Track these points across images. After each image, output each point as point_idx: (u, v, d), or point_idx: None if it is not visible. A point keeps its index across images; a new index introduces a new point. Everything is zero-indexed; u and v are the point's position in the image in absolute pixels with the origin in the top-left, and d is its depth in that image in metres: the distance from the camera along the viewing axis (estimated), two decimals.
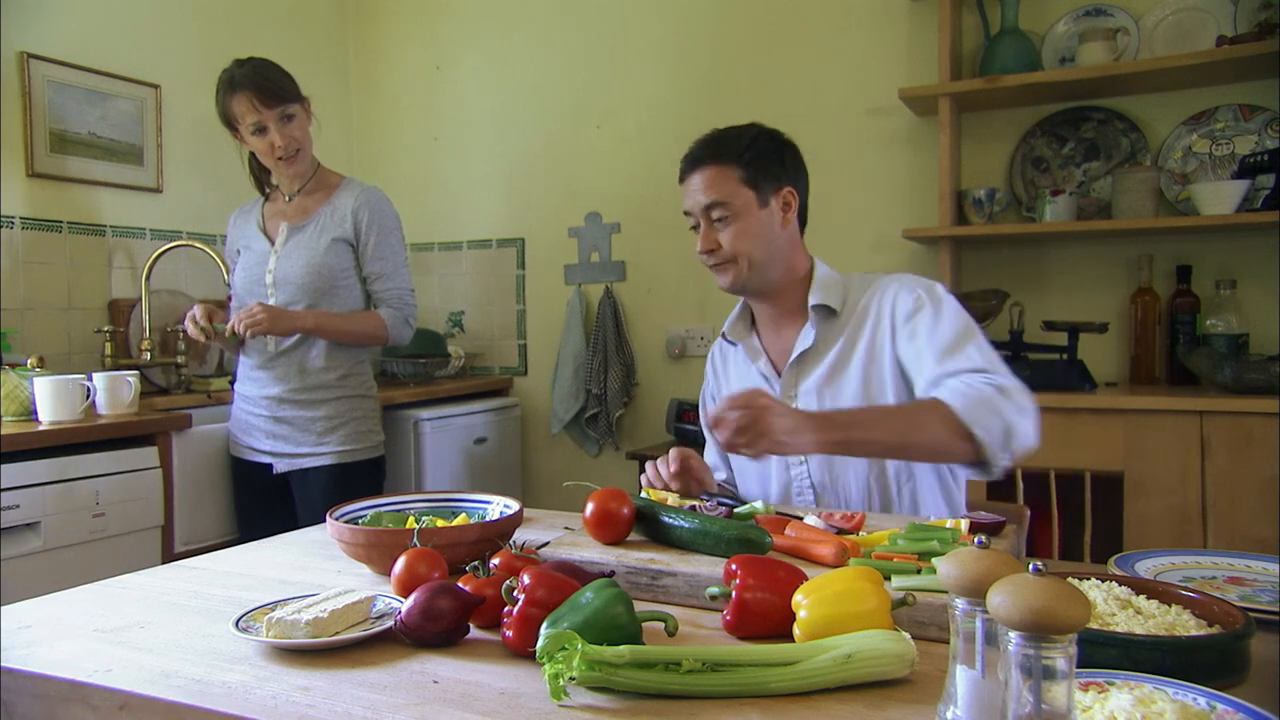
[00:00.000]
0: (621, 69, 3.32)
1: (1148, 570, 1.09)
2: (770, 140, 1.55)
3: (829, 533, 1.13)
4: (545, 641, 0.79)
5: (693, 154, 1.55)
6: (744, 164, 1.50)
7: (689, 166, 1.54)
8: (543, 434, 3.52)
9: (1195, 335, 2.51)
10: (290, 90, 2.12)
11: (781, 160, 1.54)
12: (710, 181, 1.50)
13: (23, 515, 1.93)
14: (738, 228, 1.49)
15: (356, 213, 2.20)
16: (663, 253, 3.28)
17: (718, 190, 1.49)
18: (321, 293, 2.17)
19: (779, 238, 1.53)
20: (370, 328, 2.19)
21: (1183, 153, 2.59)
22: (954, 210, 2.68)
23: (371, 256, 2.21)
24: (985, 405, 1.28)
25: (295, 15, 3.57)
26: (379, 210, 2.23)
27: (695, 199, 1.52)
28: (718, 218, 1.50)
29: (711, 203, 1.50)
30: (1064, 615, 0.56)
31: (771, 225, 1.52)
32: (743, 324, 1.65)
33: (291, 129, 2.13)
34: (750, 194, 1.50)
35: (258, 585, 1.14)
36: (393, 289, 2.23)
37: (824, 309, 1.52)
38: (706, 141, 1.55)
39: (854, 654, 0.79)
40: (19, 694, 0.88)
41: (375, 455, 2.27)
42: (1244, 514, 2.18)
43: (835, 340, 1.51)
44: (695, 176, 1.52)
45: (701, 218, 1.52)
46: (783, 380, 1.54)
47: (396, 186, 3.77)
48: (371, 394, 2.29)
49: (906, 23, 2.89)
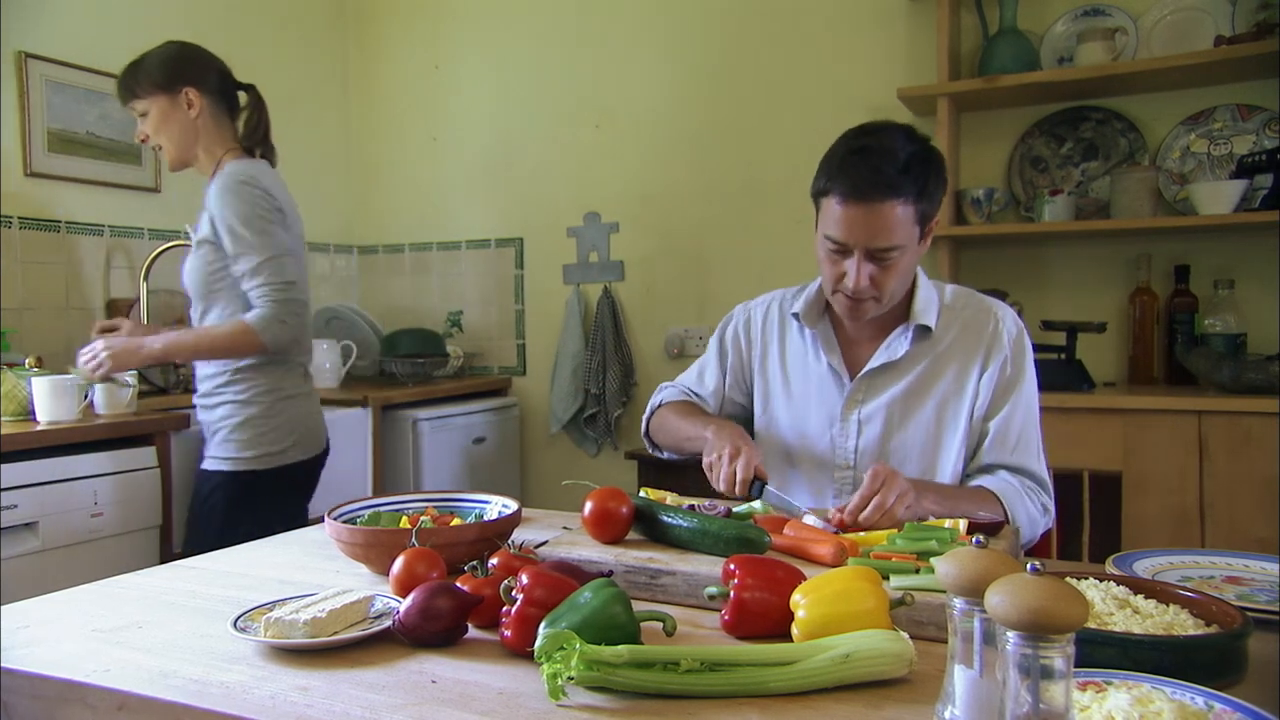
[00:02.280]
0: (620, 69, 3.32)
1: (1146, 570, 1.09)
2: (930, 161, 1.37)
3: (827, 532, 1.13)
4: (543, 641, 0.79)
5: (863, 181, 1.32)
6: (917, 199, 1.34)
7: (856, 194, 1.32)
8: (541, 434, 3.52)
9: (1194, 335, 2.51)
10: (137, 86, 1.98)
11: (941, 179, 1.40)
12: (886, 221, 1.33)
13: (21, 515, 1.93)
14: (901, 266, 1.37)
15: (210, 207, 1.96)
16: (662, 252, 3.28)
17: (896, 234, 1.33)
18: (209, 301, 2.01)
19: (915, 265, 1.44)
20: (233, 341, 1.93)
21: (1181, 152, 2.59)
22: (953, 210, 2.68)
23: (231, 255, 1.94)
24: (1031, 524, 1.41)
25: (294, 15, 3.56)
26: (225, 198, 1.94)
27: (861, 236, 1.34)
28: (883, 258, 1.36)
29: (885, 245, 1.34)
30: (1062, 615, 0.56)
31: (918, 255, 1.42)
32: (816, 310, 1.55)
33: (145, 125, 2.01)
34: (917, 231, 1.38)
35: (256, 585, 1.14)
36: (259, 286, 1.92)
37: (923, 329, 1.46)
38: (877, 168, 1.32)
39: (852, 654, 0.79)
40: (18, 694, 0.88)
41: (272, 466, 2.00)
42: (1242, 514, 2.18)
43: (922, 359, 1.47)
44: (866, 211, 1.33)
45: (860, 253, 1.36)
46: (853, 384, 1.49)
47: (395, 187, 3.78)
48: (266, 399, 2.00)
49: (905, 23, 2.89)
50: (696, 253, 3.23)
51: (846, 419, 1.50)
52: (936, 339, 1.48)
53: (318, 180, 3.67)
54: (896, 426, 1.47)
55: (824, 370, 1.53)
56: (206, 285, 2.00)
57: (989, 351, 1.46)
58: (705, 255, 3.23)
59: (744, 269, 3.14)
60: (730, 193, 3.15)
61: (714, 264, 3.21)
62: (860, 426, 1.49)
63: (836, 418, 1.51)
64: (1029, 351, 1.49)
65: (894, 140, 1.35)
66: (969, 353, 1.47)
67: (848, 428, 1.49)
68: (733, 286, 3.15)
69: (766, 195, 3.08)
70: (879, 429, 1.47)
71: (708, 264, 3.22)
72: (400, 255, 3.79)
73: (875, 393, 1.48)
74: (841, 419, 1.50)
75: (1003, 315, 1.50)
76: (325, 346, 3.11)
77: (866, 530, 1.16)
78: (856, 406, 1.49)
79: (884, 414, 1.47)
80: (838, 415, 1.50)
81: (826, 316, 1.56)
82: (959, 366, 1.46)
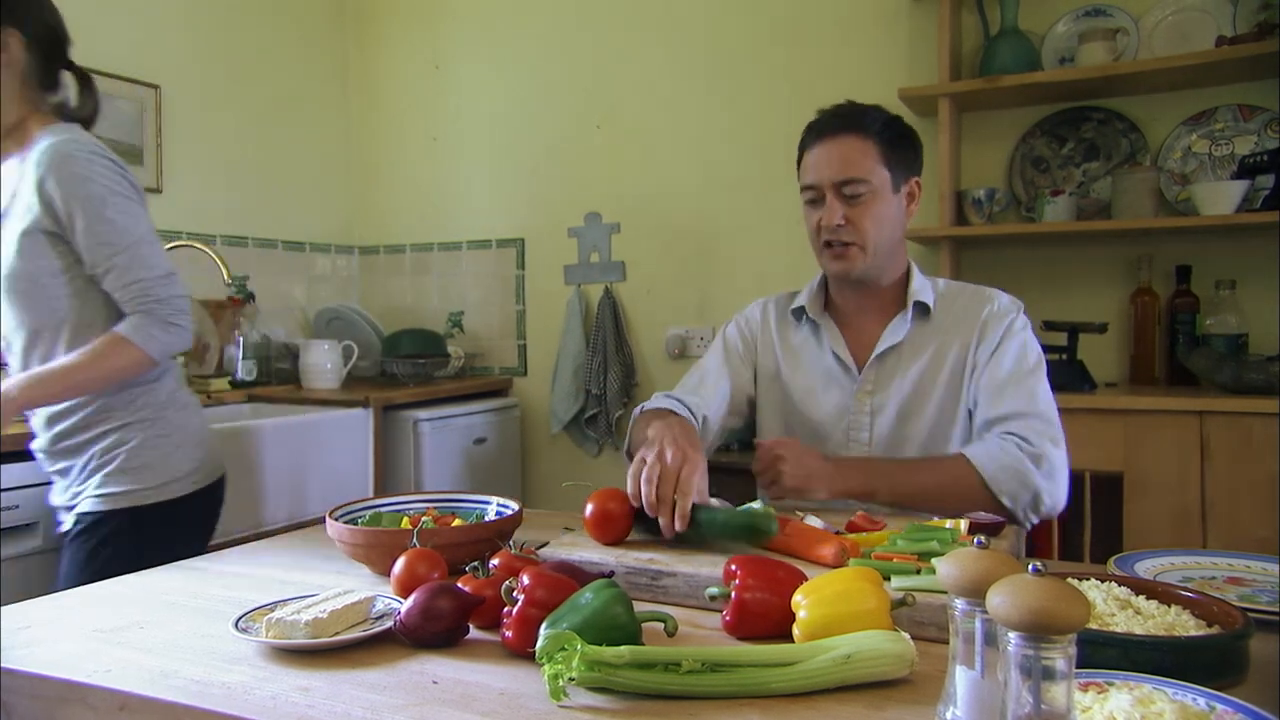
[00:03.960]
0: (621, 69, 3.32)
1: (1147, 570, 1.09)
2: (904, 125, 1.44)
3: (829, 533, 1.13)
4: (545, 642, 0.79)
5: (825, 122, 1.42)
6: (883, 141, 1.40)
7: (819, 134, 1.42)
8: (542, 434, 3.52)
9: (1195, 335, 2.51)
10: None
11: (914, 147, 1.45)
12: (849, 153, 1.38)
13: (22, 515, 1.93)
14: (876, 209, 1.39)
15: (42, 186, 1.47)
16: (663, 253, 3.28)
17: (858, 165, 1.38)
18: (32, 309, 1.54)
19: (900, 229, 1.45)
20: (110, 364, 1.49)
21: (1182, 153, 2.59)
22: (954, 210, 2.68)
23: (85, 246, 1.49)
24: (1015, 475, 1.31)
25: (294, 15, 3.57)
26: (72, 174, 1.47)
27: (826, 171, 1.39)
28: (852, 194, 1.39)
29: (849, 177, 1.38)
30: (1063, 616, 0.56)
31: (899, 214, 1.44)
32: (818, 303, 1.54)
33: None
34: (886, 175, 1.40)
35: (257, 585, 1.14)
36: (130, 284, 1.50)
37: (922, 306, 1.46)
38: (841, 111, 1.42)
39: (853, 654, 0.79)
40: (18, 694, 0.88)
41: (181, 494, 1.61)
42: (1243, 514, 2.18)
43: (927, 345, 1.46)
44: (828, 146, 1.40)
45: (830, 191, 1.40)
46: (862, 375, 1.48)
47: (396, 187, 3.78)
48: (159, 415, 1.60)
49: (906, 23, 2.89)
50: (698, 253, 3.23)
51: (859, 410, 1.48)
52: (937, 324, 1.48)
53: (318, 180, 3.68)
54: (909, 415, 1.46)
55: (830, 362, 1.52)
56: (39, 294, 1.52)
57: (983, 331, 1.46)
58: (706, 256, 3.22)
59: (745, 269, 3.14)
60: (731, 193, 3.15)
61: (715, 264, 3.21)
62: (873, 417, 1.48)
63: (849, 409, 1.49)
64: (1021, 323, 1.47)
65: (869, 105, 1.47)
66: (966, 336, 1.47)
67: (860, 419, 1.48)
68: (733, 287, 3.15)
69: (768, 196, 3.08)
70: (891, 418, 1.47)
71: (709, 264, 3.22)
72: (401, 255, 3.79)
73: (885, 382, 1.47)
74: (854, 410, 1.49)
75: (996, 297, 1.50)
76: (326, 347, 3.12)
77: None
78: (868, 397, 1.48)
79: (896, 404, 1.46)
80: (849, 407, 1.49)
81: (828, 313, 1.55)
82: (959, 350, 1.46)
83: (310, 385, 3.08)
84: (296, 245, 3.56)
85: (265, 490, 2.53)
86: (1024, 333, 1.46)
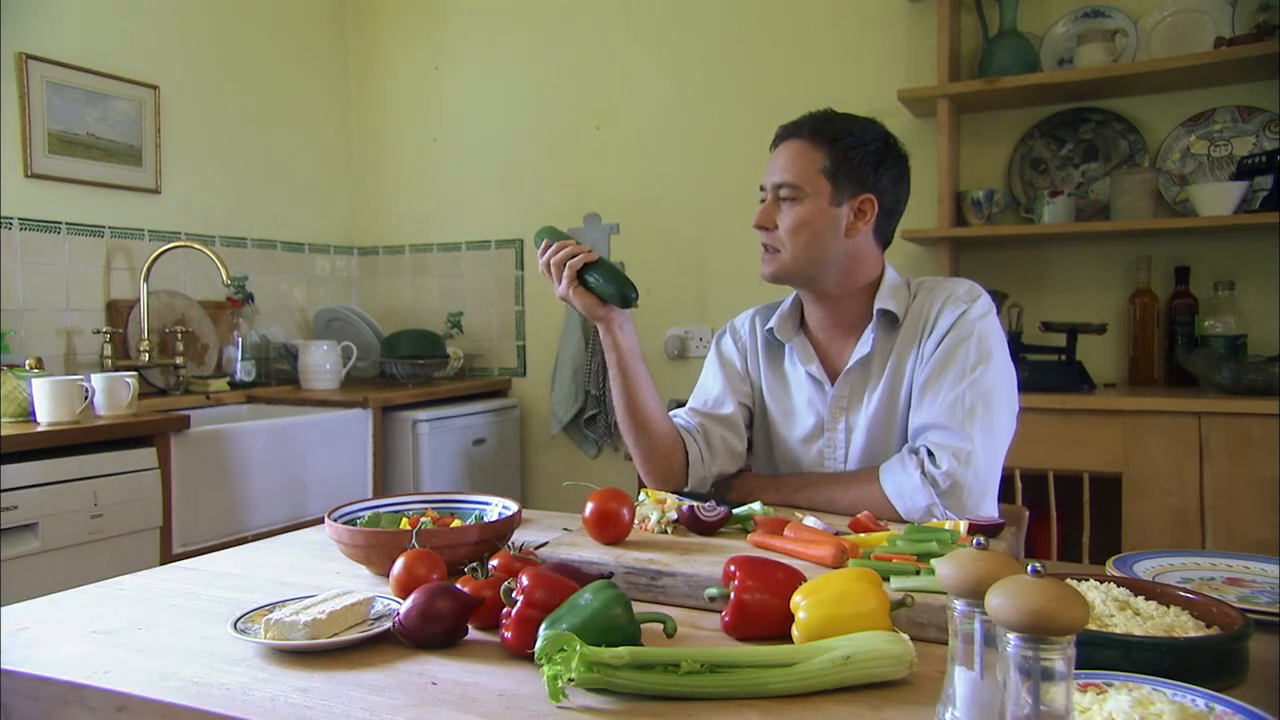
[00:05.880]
0: (621, 69, 3.33)
1: (1146, 571, 1.09)
2: (877, 142, 1.42)
3: (827, 534, 1.13)
4: (544, 643, 0.79)
5: (786, 126, 1.44)
6: (833, 152, 1.39)
7: (779, 136, 1.45)
8: (541, 435, 3.52)
9: (1194, 336, 2.51)
10: None
11: (876, 166, 1.41)
12: (791, 159, 1.40)
13: (21, 516, 1.93)
14: (798, 215, 1.40)
15: None
16: (662, 253, 3.28)
17: (794, 171, 1.40)
18: None
19: (836, 244, 1.41)
20: None
21: (1181, 154, 2.59)
22: (953, 211, 2.68)
23: None
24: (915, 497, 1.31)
25: (294, 15, 3.57)
26: None
27: (770, 174, 1.43)
28: (784, 197, 1.41)
29: (783, 181, 1.40)
30: (1062, 616, 0.56)
31: (833, 228, 1.40)
32: (790, 323, 1.53)
33: None
34: (827, 187, 1.39)
35: (256, 586, 1.14)
36: None
37: (888, 315, 1.43)
38: (809, 116, 1.44)
39: (853, 655, 0.79)
40: (17, 695, 0.87)
41: None
42: (1242, 515, 2.18)
43: (890, 351, 1.43)
44: (780, 149, 1.43)
45: (771, 193, 1.43)
46: (835, 389, 1.46)
47: (395, 187, 3.78)
48: None
49: (905, 23, 2.89)
50: (696, 254, 3.24)
51: (834, 426, 1.47)
52: (904, 328, 1.43)
53: (317, 181, 3.68)
54: (882, 426, 1.43)
55: (805, 380, 1.51)
56: None
57: (935, 323, 1.40)
58: (705, 256, 3.23)
59: (744, 270, 3.13)
60: (730, 194, 3.15)
61: (714, 265, 3.21)
62: (849, 434, 1.46)
63: (824, 426, 1.48)
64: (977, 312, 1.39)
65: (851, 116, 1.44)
66: (911, 342, 1.42)
67: (835, 436, 1.47)
68: (733, 287, 3.15)
69: None
70: (864, 432, 1.44)
71: (708, 265, 3.22)
72: (400, 256, 3.79)
73: (857, 397, 1.45)
74: (829, 427, 1.48)
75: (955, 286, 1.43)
76: (325, 348, 3.12)
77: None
78: (842, 413, 1.46)
79: (868, 417, 1.44)
80: (825, 424, 1.48)
81: (802, 331, 1.54)
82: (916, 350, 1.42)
83: (309, 386, 3.08)
84: (295, 246, 3.56)
85: (264, 491, 2.53)
86: (978, 323, 1.38)
